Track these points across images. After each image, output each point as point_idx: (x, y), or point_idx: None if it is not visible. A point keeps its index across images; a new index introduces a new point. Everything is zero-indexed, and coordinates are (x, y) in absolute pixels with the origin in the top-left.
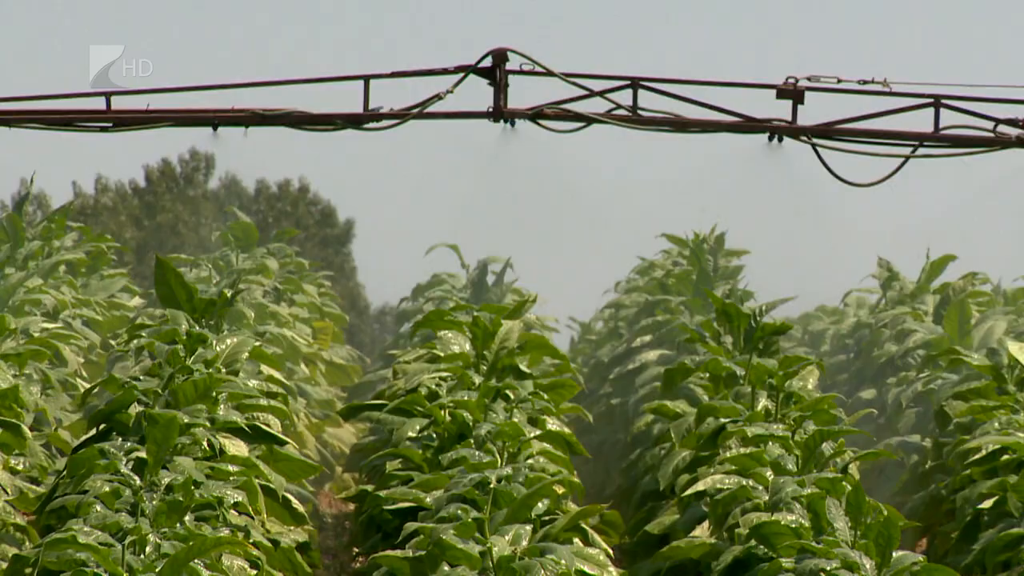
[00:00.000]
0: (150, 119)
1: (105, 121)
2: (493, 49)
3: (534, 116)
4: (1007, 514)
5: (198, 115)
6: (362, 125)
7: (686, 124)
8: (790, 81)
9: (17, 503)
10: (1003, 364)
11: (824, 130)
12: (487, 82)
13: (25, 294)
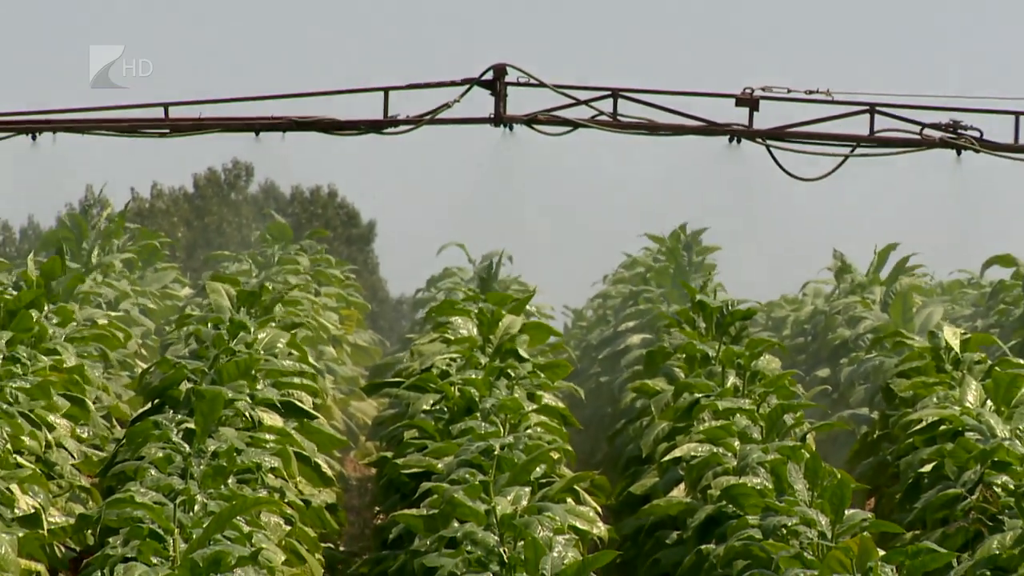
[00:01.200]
0: (201, 126)
1: (164, 128)
2: (494, 64)
3: (529, 121)
4: (944, 477)
5: (242, 122)
6: (382, 130)
7: (658, 128)
8: (747, 91)
9: (82, 467)
10: (941, 346)
11: (776, 133)
12: (489, 92)
13: (89, 286)
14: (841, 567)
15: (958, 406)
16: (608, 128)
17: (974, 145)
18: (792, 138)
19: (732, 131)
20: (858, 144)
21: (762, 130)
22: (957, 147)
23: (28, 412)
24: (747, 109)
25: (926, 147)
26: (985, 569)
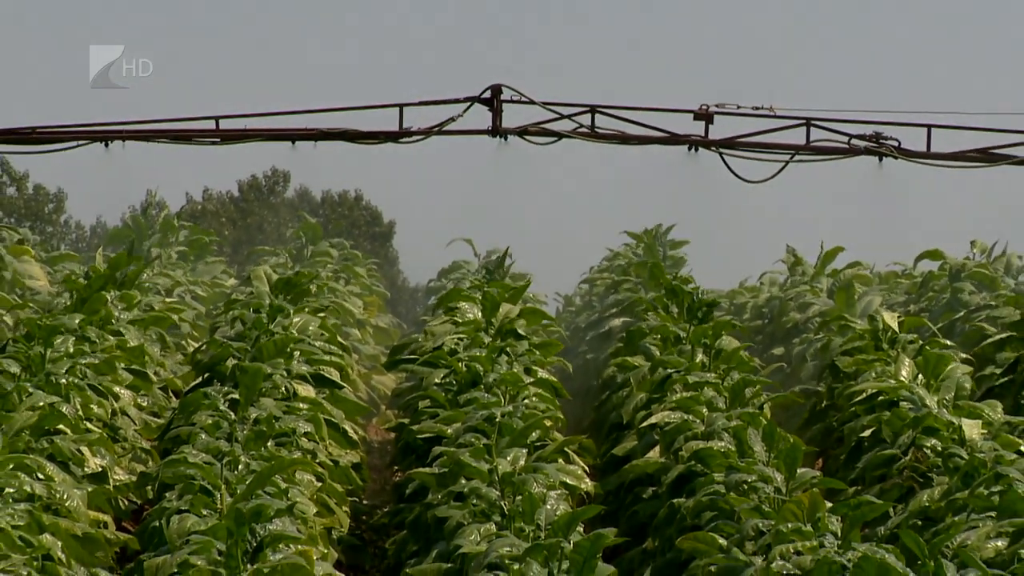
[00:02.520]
0: (246, 136)
1: (215, 137)
2: (491, 85)
3: (521, 133)
4: (882, 440)
5: (281, 133)
6: (398, 140)
7: (629, 138)
8: (703, 107)
9: (143, 432)
10: (879, 328)
11: (728, 142)
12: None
13: (148, 277)
14: (794, 517)
15: (894, 380)
16: (587, 138)
17: (893, 152)
18: (741, 147)
19: (691, 141)
20: (796, 152)
21: (716, 140)
22: (879, 154)
23: (96, 384)
24: (703, 123)
25: (853, 154)
26: (916, 519)
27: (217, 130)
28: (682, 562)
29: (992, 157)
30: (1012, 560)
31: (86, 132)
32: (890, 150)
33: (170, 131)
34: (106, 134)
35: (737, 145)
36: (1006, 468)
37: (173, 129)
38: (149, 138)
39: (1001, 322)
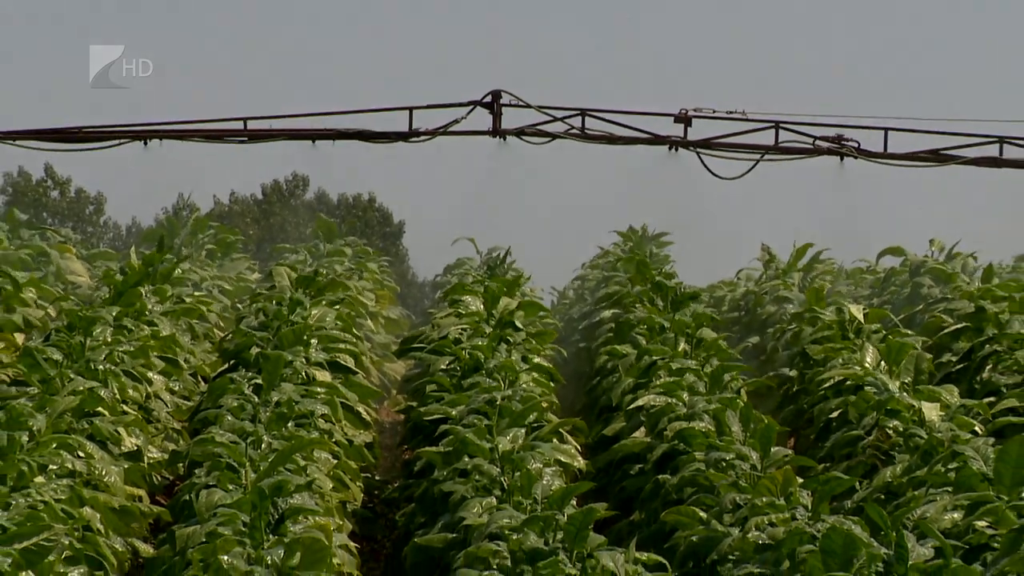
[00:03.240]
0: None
1: (243, 136)
2: (492, 90)
3: (518, 133)
4: (848, 421)
5: (302, 133)
6: (408, 139)
7: (616, 139)
8: (682, 111)
9: (174, 414)
10: (846, 319)
11: (704, 143)
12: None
13: (179, 272)
14: (768, 492)
15: (859, 366)
16: (578, 139)
17: (854, 153)
18: (716, 147)
19: (671, 142)
20: (766, 152)
21: (694, 141)
22: (841, 154)
23: (132, 370)
24: (683, 125)
25: (817, 154)
26: (880, 494)
27: (245, 130)
28: (666, 533)
29: (942, 158)
30: (967, 531)
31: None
32: (851, 151)
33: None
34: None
35: (713, 145)
36: (961, 447)
37: (205, 129)
38: (184, 137)
39: (957, 314)
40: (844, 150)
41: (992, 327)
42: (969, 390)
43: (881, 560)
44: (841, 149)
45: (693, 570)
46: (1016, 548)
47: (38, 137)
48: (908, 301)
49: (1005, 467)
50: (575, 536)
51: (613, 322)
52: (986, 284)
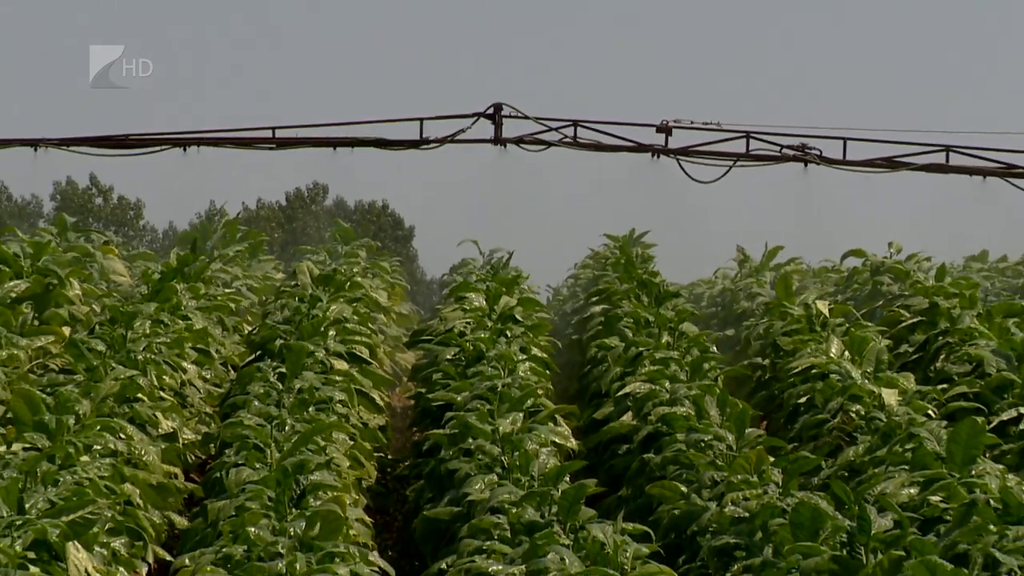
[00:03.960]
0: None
1: (271, 143)
2: (493, 103)
3: (517, 142)
4: (815, 406)
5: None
6: (419, 147)
7: (604, 147)
8: (664, 122)
9: (206, 399)
10: (813, 314)
11: (683, 151)
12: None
13: (211, 271)
14: (743, 470)
15: (825, 356)
16: (571, 147)
17: (816, 160)
18: (694, 154)
19: (653, 149)
20: (738, 159)
21: (674, 149)
22: (805, 161)
23: (168, 360)
24: (664, 135)
25: (784, 161)
26: (844, 471)
27: (273, 138)
28: (650, 507)
29: (895, 164)
30: (922, 504)
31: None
32: (814, 158)
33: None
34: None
35: (691, 153)
36: (917, 429)
37: (238, 137)
38: (218, 144)
39: (913, 309)
40: (808, 157)
41: (945, 321)
42: (924, 378)
43: (845, 531)
44: (805, 156)
45: (675, 540)
46: (966, 520)
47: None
48: (869, 298)
49: (956, 447)
50: (568, 510)
51: (603, 316)
52: (939, 282)
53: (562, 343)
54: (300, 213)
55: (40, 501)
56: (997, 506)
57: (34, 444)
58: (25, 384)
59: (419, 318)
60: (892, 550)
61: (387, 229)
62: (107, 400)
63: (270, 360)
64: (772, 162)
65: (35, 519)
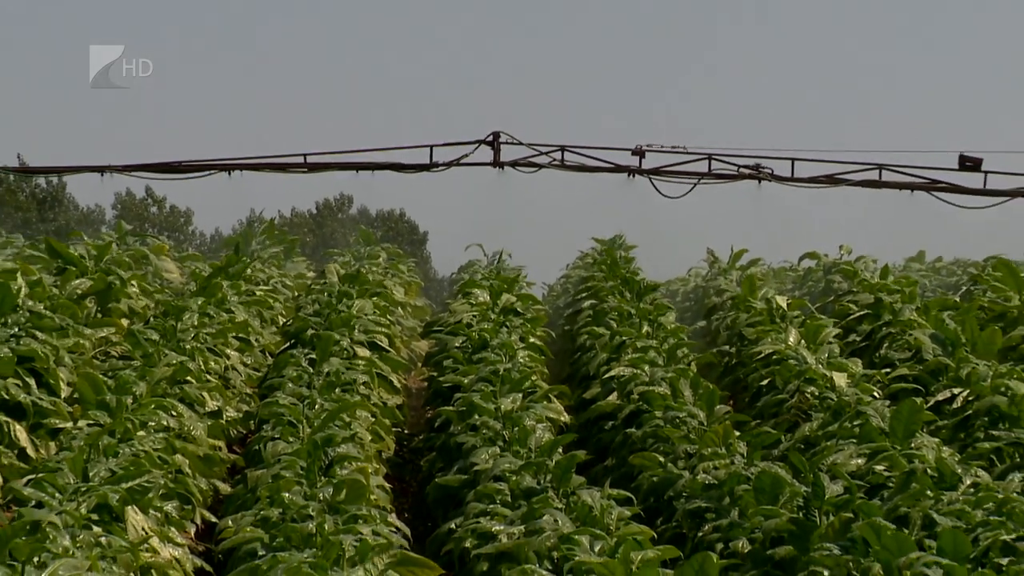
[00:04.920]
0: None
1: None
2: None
3: (513, 164)
4: (775, 387)
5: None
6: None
7: (587, 168)
8: (638, 146)
9: (247, 382)
10: (773, 308)
11: (654, 171)
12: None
13: (251, 270)
14: (712, 443)
15: (784, 344)
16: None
17: (768, 177)
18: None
19: (629, 170)
20: (701, 177)
21: (646, 169)
22: (758, 179)
23: (213, 347)
24: (638, 157)
25: (741, 179)
26: (800, 444)
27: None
28: (632, 475)
29: (835, 181)
30: (868, 473)
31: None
32: (766, 176)
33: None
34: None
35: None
36: (864, 407)
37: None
38: (258, 168)
39: (860, 303)
40: (761, 175)
41: (888, 314)
42: (870, 363)
43: (801, 496)
44: (759, 175)
45: (654, 504)
46: (907, 487)
47: (147, 169)
48: (822, 293)
49: (898, 423)
50: (561, 477)
51: (591, 310)
52: (883, 280)
53: (556, 333)
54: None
55: (102, 470)
56: (933, 474)
57: (97, 421)
58: (89, 369)
59: (431, 311)
60: (842, 513)
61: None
62: (160, 382)
63: (302, 348)
64: (731, 180)
65: (98, 486)
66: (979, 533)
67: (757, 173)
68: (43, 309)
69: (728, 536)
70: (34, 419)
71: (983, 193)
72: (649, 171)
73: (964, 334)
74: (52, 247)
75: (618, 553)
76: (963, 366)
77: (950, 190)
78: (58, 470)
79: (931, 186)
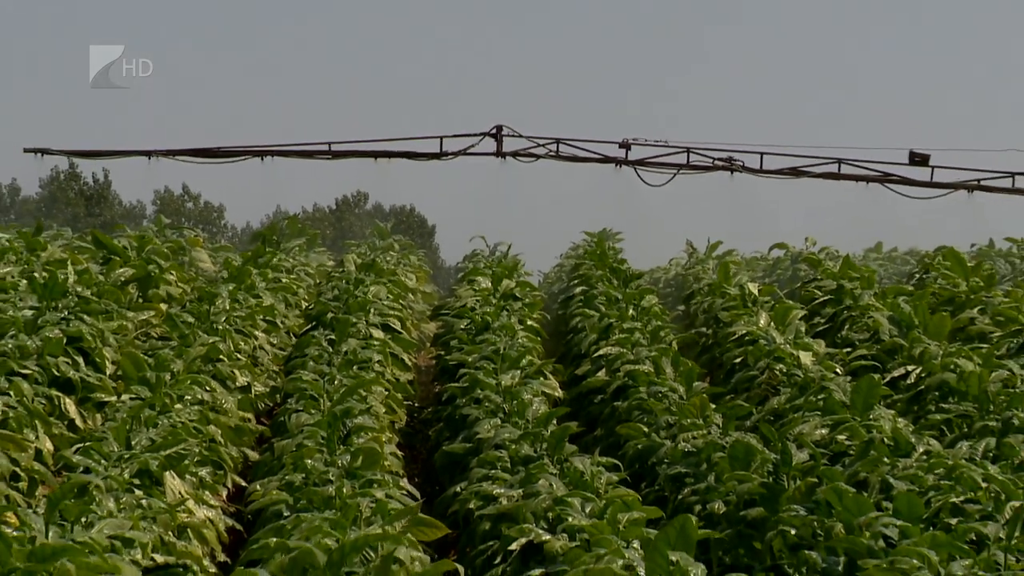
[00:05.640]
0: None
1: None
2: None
3: (515, 155)
4: (747, 364)
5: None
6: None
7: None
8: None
9: (273, 360)
10: (746, 293)
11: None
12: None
13: (277, 259)
14: (691, 415)
15: (755, 326)
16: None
17: (740, 169)
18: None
19: (617, 161)
20: (680, 168)
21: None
22: (731, 170)
23: (243, 329)
24: (624, 150)
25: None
26: (769, 416)
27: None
28: (619, 444)
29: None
30: (831, 442)
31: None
32: (738, 168)
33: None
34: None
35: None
36: (827, 383)
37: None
38: (286, 154)
39: (824, 289)
40: (733, 167)
41: (849, 299)
42: (832, 343)
43: (771, 463)
44: (731, 167)
45: (638, 470)
46: (865, 454)
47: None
48: (790, 280)
49: (858, 397)
50: (555, 446)
51: (582, 295)
52: (844, 268)
53: (550, 316)
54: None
55: (143, 439)
56: (890, 443)
57: (138, 395)
58: (131, 348)
59: (439, 296)
60: (808, 478)
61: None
62: (195, 360)
63: (323, 329)
64: (706, 171)
65: (139, 453)
66: (931, 496)
67: (730, 165)
68: (90, 295)
69: (705, 499)
70: (82, 393)
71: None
72: (634, 162)
73: (917, 317)
74: (98, 239)
75: (606, 514)
76: (916, 346)
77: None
78: (103, 439)
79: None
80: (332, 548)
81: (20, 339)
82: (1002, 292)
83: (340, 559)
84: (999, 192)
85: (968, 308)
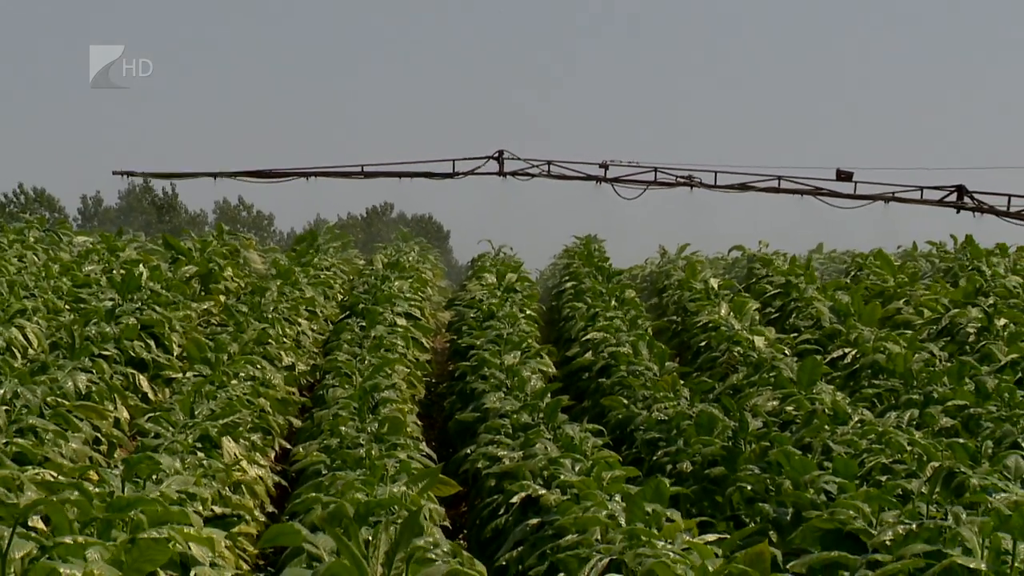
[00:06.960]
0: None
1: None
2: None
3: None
4: (710, 347)
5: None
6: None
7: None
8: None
9: (313, 343)
10: (709, 288)
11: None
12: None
13: (317, 259)
14: (663, 389)
15: (717, 315)
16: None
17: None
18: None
19: (598, 179)
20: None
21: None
22: (691, 186)
23: (288, 317)
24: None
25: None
26: (729, 390)
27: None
28: (603, 414)
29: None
30: (780, 412)
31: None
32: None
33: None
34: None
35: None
36: (778, 363)
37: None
38: (327, 175)
39: (775, 284)
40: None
41: (795, 292)
42: (782, 329)
43: (731, 430)
44: (691, 183)
45: (619, 436)
46: (809, 422)
47: (247, 175)
48: (746, 277)
49: (803, 374)
50: (550, 415)
51: (572, 289)
52: (792, 267)
53: (546, 306)
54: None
55: (204, 410)
56: (830, 413)
57: (200, 372)
58: (195, 333)
59: (452, 290)
60: (761, 442)
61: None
62: (248, 344)
63: (355, 317)
64: (671, 187)
65: (201, 421)
66: (864, 458)
67: (690, 182)
68: (160, 288)
69: (675, 460)
70: (153, 371)
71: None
72: (612, 179)
73: (853, 307)
74: (167, 242)
75: (593, 472)
76: (852, 331)
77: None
78: (171, 409)
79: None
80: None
81: (101, 326)
82: (923, 287)
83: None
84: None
85: (895, 300)
